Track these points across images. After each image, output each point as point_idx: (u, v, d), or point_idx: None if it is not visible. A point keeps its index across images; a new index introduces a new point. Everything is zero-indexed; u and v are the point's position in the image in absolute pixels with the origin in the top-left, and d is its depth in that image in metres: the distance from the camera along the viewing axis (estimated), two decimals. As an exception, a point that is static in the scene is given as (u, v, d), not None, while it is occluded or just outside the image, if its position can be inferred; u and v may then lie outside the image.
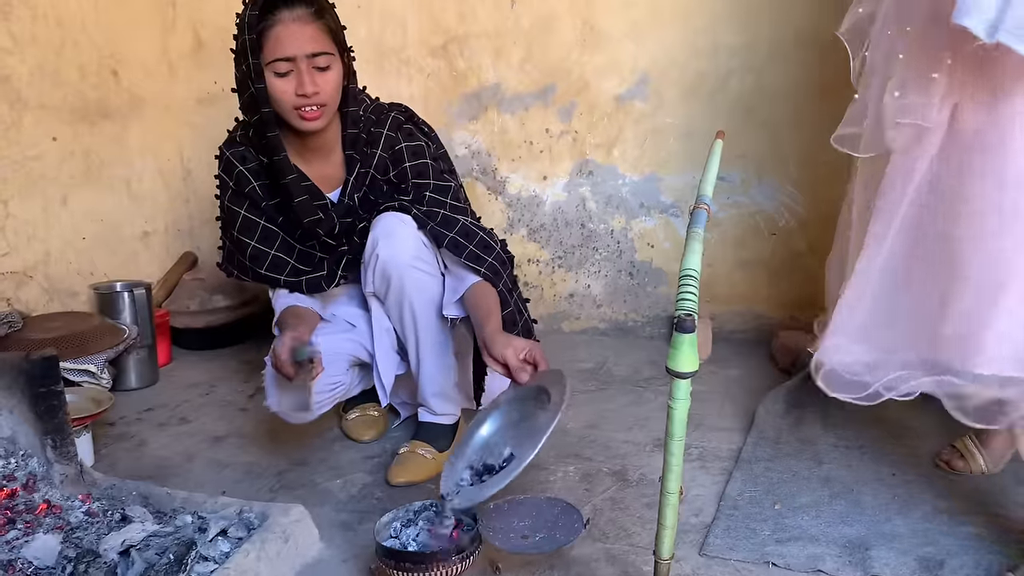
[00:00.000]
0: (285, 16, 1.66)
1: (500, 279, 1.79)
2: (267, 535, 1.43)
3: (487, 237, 1.82)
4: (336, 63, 1.71)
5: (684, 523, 1.58)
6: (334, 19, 1.73)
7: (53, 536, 1.48)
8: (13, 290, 2.48)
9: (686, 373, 1.05)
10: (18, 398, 1.64)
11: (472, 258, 1.77)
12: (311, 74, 1.67)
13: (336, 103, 1.75)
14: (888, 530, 1.54)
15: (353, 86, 1.79)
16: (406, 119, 1.87)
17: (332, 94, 1.72)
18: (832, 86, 2.01)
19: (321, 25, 1.69)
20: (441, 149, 1.94)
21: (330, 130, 1.78)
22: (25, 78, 2.47)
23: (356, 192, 1.82)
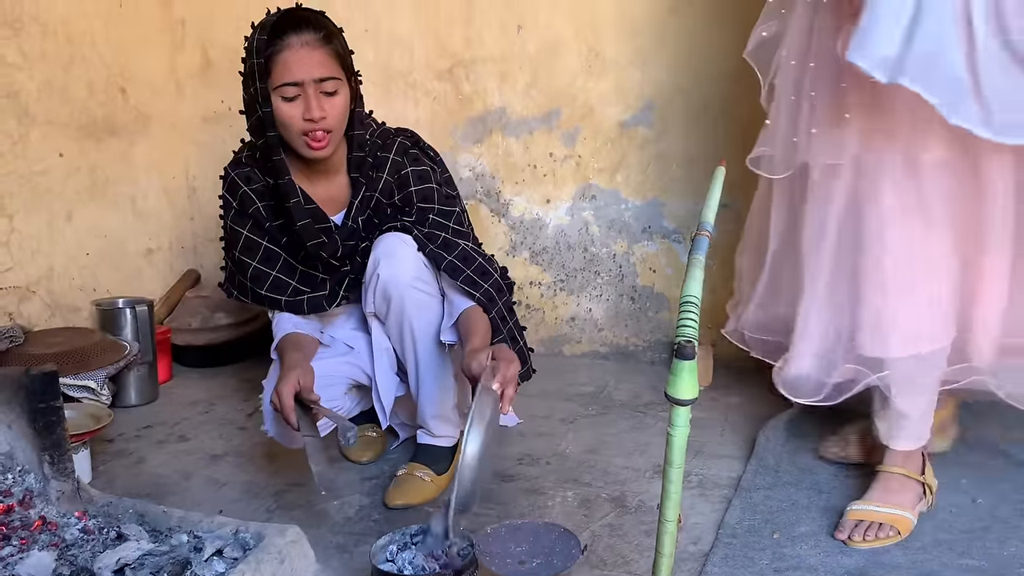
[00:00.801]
0: (293, 41, 1.67)
1: (494, 306, 1.80)
2: (262, 556, 1.42)
3: (486, 263, 1.83)
4: (343, 88, 1.72)
5: (682, 551, 1.58)
6: (342, 44, 1.74)
7: (48, 553, 1.47)
8: (15, 305, 2.49)
9: (686, 400, 1.05)
10: (17, 413, 1.63)
11: (468, 282, 1.78)
12: (318, 99, 1.68)
13: (343, 127, 1.75)
14: (887, 561, 1.53)
15: (359, 110, 1.80)
16: (412, 144, 1.88)
17: (339, 119, 1.72)
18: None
19: (329, 50, 1.70)
20: (446, 174, 1.95)
21: (336, 153, 1.79)
22: (34, 94, 2.49)
23: (360, 215, 1.82)
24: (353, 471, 1.99)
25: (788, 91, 1.61)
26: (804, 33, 1.58)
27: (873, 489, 1.68)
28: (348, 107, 1.75)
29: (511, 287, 1.92)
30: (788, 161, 1.63)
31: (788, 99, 1.60)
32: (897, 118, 1.47)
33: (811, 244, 1.62)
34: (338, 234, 1.81)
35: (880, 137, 1.51)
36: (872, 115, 1.51)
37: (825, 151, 1.56)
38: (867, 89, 1.45)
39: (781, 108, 1.62)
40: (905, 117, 1.46)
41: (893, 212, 1.51)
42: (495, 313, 1.79)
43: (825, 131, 1.56)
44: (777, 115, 1.63)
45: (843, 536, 1.61)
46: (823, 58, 1.54)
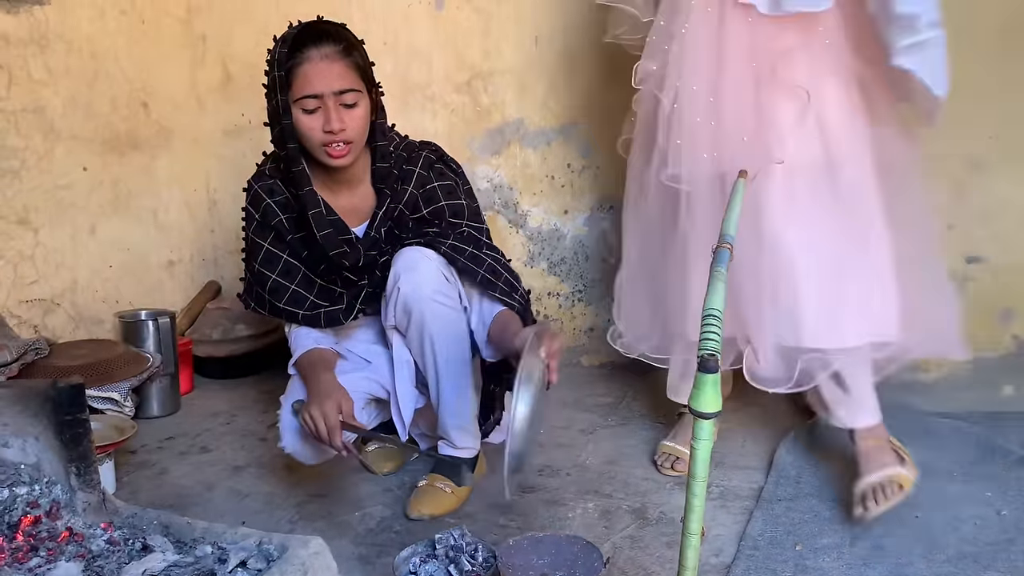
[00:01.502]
0: (313, 54, 1.69)
1: (528, 315, 1.84)
2: (286, 567, 1.43)
3: (512, 277, 1.86)
4: (363, 100, 1.74)
5: (704, 563, 1.57)
6: (362, 56, 1.75)
7: (75, 564, 1.48)
8: (40, 317, 2.52)
9: (709, 414, 1.05)
10: (44, 425, 1.65)
11: (503, 294, 1.81)
12: (338, 111, 1.70)
13: (363, 139, 1.77)
14: (911, 573, 1.52)
15: (382, 122, 1.81)
16: (437, 158, 1.89)
17: (359, 130, 1.74)
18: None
19: (349, 62, 1.72)
20: (467, 186, 1.95)
21: (358, 164, 1.81)
22: (59, 109, 2.53)
23: (383, 226, 1.84)
24: (374, 482, 2.00)
25: (693, 114, 1.79)
26: (706, 60, 1.79)
27: (859, 465, 1.79)
28: (368, 118, 1.76)
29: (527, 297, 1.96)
30: (698, 176, 1.81)
31: (694, 120, 1.79)
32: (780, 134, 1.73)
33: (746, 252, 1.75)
34: (360, 244, 1.82)
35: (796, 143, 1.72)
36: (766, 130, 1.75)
37: (747, 160, 1.69)
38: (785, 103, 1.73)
39: (687, 130, 1.80)
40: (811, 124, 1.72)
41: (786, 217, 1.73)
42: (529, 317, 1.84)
43: (742, 144, 1.75)
44: (690, 135, 1.80)
45: (860, 511, 1.69)
46: (736, 78, 1.77)
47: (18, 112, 2.43)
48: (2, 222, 2.41)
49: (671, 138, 1.82)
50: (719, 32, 1.77)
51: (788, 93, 1.72)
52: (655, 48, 1.87)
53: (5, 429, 1.64)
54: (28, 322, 2.48)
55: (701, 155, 1.79)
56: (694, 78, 1.79)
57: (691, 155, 1.80)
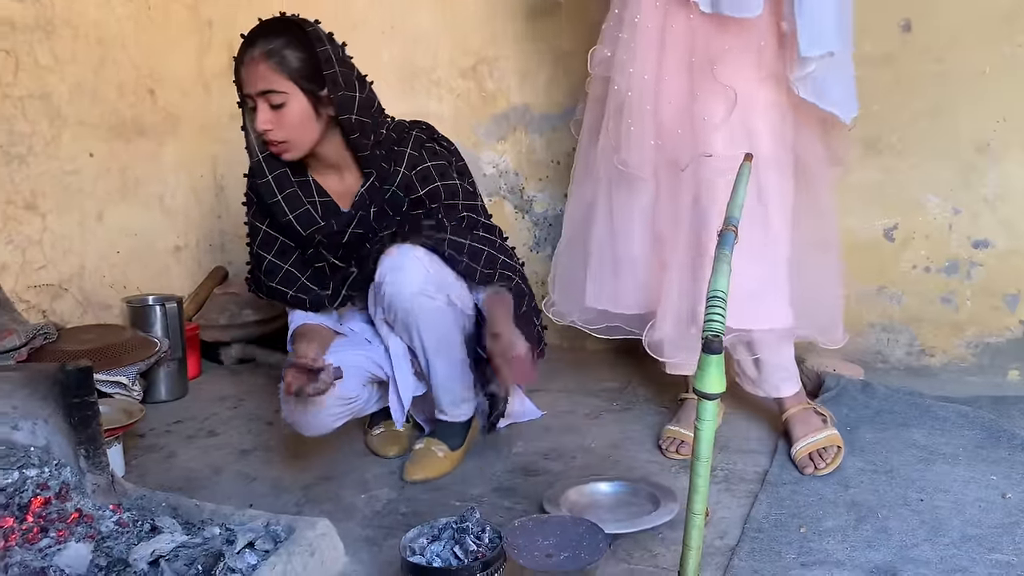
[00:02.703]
0: (245, 55, 1.76)
1: (511, 281, 1.90)
2: (294, 548, 1.44)
3: (493, 251, 1.91)
4: (293, 99, 1.74)
5: (708, 545, 1.58)
6: (302, 56, 1.74)
7: (85, 545, 1.50)
8: (48, 302, 2.53)
9: (713, 394, 1.05)
10: (52, 408, 1.67)
11: (483, 277, 1.88)
12: (265, 111, 1.75)
13: (303, 135, 1.78)
14: (916, 555, 1.52)
15: (350, 116, 1.79)
16: (428, 137, 1.92)
17: (290, 129, 1.76)
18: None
19: (273, 63, 1.73)
20: (461, 162, 1.98)
21: (331, 151, 1.85)
22: (65, 95, 2.54)
23: (372, 205, 1.86)
24: (380, 465, 2.01)
25: (643, 102, 1.86)
26: (654, 51, 1.86)
27: (794, 431, 1.97)
28: (304, 116, 1.76)
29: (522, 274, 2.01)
30: (645, 162, 1.89)
31: (644, 108, 1.86)
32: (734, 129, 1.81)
33: (668, 232, 1.91)
34: (335, 220, 1.86)
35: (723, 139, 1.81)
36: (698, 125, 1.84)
37: (681, 151, 1.84)
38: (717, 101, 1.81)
39: (637, 117, 1.87)
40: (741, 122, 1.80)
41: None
42: (514, 288, 1.89)
43: (678, 136, 1.85)
44: (640, 122, 1.87)
45: (811, 471, 1.87)
46: (675, 72, 1.84)
47: (25, 98, 2.44)
48: (10, 207, 2.42)
49: (623, 123, 1.89)
50: (664, 25, 1.85)
51: (718, 92, 1.80)
52: (609, 35, 1.94)
53: (15, 412, 1.66)
54: (36, 307, 2.50)
55: (648, 142, 1.88)
56: (645, 67, 1.86)
57: (639, 141, 1.88)
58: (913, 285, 2.51)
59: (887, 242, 2.51)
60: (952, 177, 2.43)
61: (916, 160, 2.44)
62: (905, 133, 2.44)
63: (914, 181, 2.45)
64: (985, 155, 2.39)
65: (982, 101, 2.36)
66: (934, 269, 2.48)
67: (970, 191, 2.41)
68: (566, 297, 2.10)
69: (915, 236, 2.48)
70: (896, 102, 2.41)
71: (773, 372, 1.99)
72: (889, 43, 2.41)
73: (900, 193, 2.47)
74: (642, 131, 1.87)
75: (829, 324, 1.95)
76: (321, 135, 1.81)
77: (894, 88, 2.41)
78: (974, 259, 2.44)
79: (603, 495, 1.79)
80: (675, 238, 1.89)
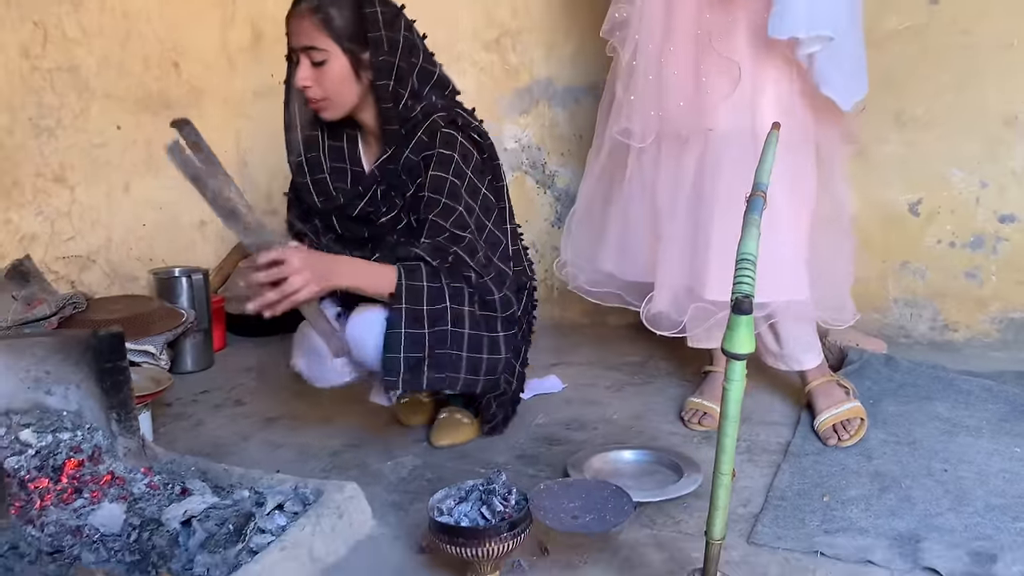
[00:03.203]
0: (294, 9, 1.75)
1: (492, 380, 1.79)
2: (322, 511, 1.47)
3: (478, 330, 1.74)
4: (334, 58, 1.73)
5: (732, 512, 1.59)
6: (344, 14, 1.72)
7: (118, 505, 1.53)
8: (77, 273, 2.57)
9: (742, 355, 1.06)
10: (85, 373, 1.69)
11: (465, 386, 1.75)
12: (306, 67, 1.74)
13: (342, 96, 1.77)
14: (939, 524, 1.53)
15: (383, 83, 1.76)
16: (447, 123, 1.79)
17: (329, 88, 1.75)
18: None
19: (317, 20, 1.71)
20: (484, 155, 1.84)
21: (370, 118, 1.83)
22: (93, 68, 2.56)
23: (381, 184, 1.82)
24: (405, 433, 2.03)
25: (646, 71, 1.85)
26: (660, 20, 1.84)
27: (816, 403, 1.97)
28: (343, 76, 1.75)
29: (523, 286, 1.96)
30: (647, 132, 1.88)
31: (647, 78, 1.85)
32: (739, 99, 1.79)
33: (667, 205, 1.90)
34: (343, 194, 1.84)
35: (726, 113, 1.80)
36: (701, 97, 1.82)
37: (683, 124, 1.83)
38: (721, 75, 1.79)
39: (640, 86, 1.86)
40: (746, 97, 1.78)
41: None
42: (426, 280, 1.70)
43: (683, 107, 1.83)
44: (643, 91, 1.86)
45: (834, 442, 1.87)
46: (681, 43, 1.83)
47: (53, 71, 2.46)
48: (40, 179, 2.46)
49: (627, 92, 1.89)
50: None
51: (723, 66, 1.79)
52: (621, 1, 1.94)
53: (48, 377, 1.69)
54: (65, 278, 2.53)
55: (649, 112, 1.87)
56: (650, 36, 1.85)
57: (641, 112, 1.87)
58: (937, 260, 2.50)
59: (912, 216, 2.49)
60: (979, 150, 2.41)
61: (942, 133, 2.43)
62: (931, 106, 2.42)
63: (940, 155, 2.44)
64: (1013, 128, 2.37)
65: (1010, 73, 2.34)
66: (959, 244, 2.47)
67: (997, 164, 2.39)
68: (576, 258, 2.11)
69: (940, 211, 2.47)
70: (922, 75, 2.39)
71: (794, 345, 1.99)
72: (916, 15, 2.39)
73: (925, 167, 2.46)
74: (644, 101, 1.86)
75: (837, 301, 1.92)
76: (361, 98, 1.79)
77: (920, 61, 2.39)
78: (1000, 234, 2.42)
79: (626, 463, 1.81)
80: (673, 211, 1.89)
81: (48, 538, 1.44)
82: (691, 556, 1.44)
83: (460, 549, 1.28)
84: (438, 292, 1.68)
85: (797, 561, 1.43)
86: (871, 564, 1.41)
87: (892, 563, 1.40)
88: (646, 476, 1.76)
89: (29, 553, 1.40)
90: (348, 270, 1.69)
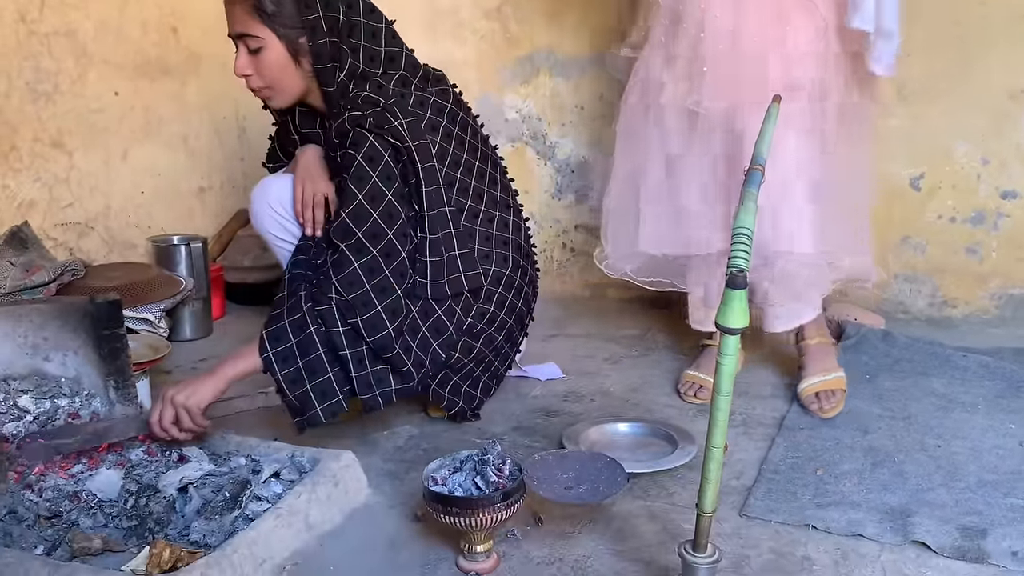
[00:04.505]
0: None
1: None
2: (318, 479, 1.48)
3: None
4: (270, 46, 1.68)
5: (725, 485, 1.59)
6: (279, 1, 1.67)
7: (115, 471, 1.55)
8: (75, 240, 2.56)
9: (736, 329, 1.06)
10: (82, 340, 1.70)
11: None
12: (242, 55, 1.71)
13: (287, 83, 1.73)
14: (931, 499, 1.54)
15: (327, 67, 1.71)
16: (355, 124, 1.67)
17: (269, 77, 1.71)
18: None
19: (247, 6, 1.66)
20: (397, 159, 1.68)
21: (318, 101, 1.80)
22: (90, 33, 2.53)
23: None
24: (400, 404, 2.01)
25: (716, 42, 1.84)
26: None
27: (807, 365, 1.99)
28: (282, 63, 1.70)
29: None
30: (717, 102, 1.86)
31: (717, 48, 1.84)
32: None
33: (727, 180, 1.88)
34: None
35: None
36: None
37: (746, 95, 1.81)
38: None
39: (710, 56, 1.85)
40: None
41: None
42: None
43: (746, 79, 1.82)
44: (713, 63, 1.85)
45: (816, 408, 1.90)
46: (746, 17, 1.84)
47: (51, 35, 2.44)
48: (38, 144, 2.44)
49: (696, 64, 1.87)
50: None
51: (806, 12, 1.81)
52: None
53: (46, 343, 1.70)
54: (64, 244, 2.53)
55: (721, 84, 1.84)
56: (717, 7, 1.84)
57: (713, 83, 1.85)
58: (938, 235, 2.49)
59: (912, 191, 2.48)
60: (983, 125, 2.39)
61: (946, 107, 2.40)
62: (936, 79, 2.39)
63: (943, 129, 2.42)
64: (1018, 103, 2.34)
65: (1019, 46, 2.31)
66: (960, 219, 2.46)
67: (1001, 140, 2.38)
68: (617, 247, 2.07)
69: (942, 185, 2.45)
70: (928, 46, 2.36)
71: (793, 299, 1.98)
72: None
73: (928, 141, 2.44)
74: (714, 72, 1.85)
75: (855, 250, 1.94)
76: (307, 84, 1.74)
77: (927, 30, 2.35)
78: (1002, 210, 2.41)
79: (622, 435, 1.82)
80: (731, 186, 1.87)
81: (46, 503, 1.46)
82: (683, 527, 1.45)
83: (453, 518, 1.29)
84: (301, 320, 1.63)
85: (788, 534, 1.44)
86: (862, 538, 1.42)
87: (882, 537, 1.42)
88: (641, 448, 1.77)
89: (27, 518, 1.42)
90: (210, 382, 1.62)
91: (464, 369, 1.88)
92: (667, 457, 1.69)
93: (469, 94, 2.00)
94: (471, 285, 1.76)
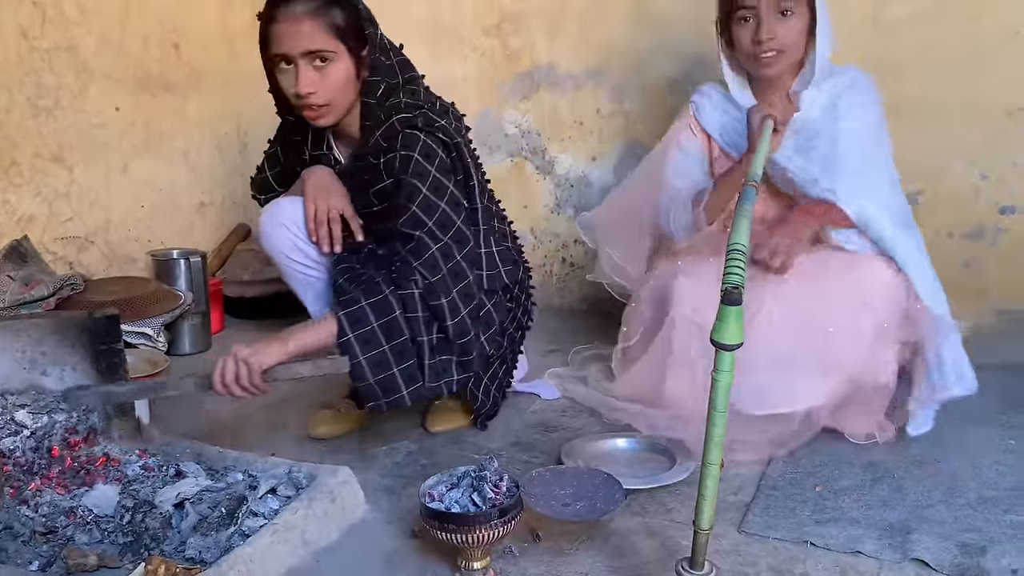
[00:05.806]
0: (284, 13, 1.67)
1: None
2: (315, 495, 1.48)
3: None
4: (340, 59, 1.69)
5: (723, 501, 1.59)
6: (345, 13, 1.69)
7: (112, 487, 1.54)
8: (75, 254, 2.57)
9: (731, 345, 1.06)
10: (80, 355, 1.70)
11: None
12: (308, 72, 1.68)
13: (344, 97, 1.74)
14: (930, 515, 1.53)
15: (375, 79, 1.74)
16: (406, 125, 1.73)
17: (333, 91, 1.71)
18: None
19: (320, 22, 1.67)
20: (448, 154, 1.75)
21: (352, 117, 1.80)
22: (91, 48, 2.55)
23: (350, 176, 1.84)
24: (400, 419, 2.03)
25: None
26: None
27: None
28: (348, 77, 1.71)
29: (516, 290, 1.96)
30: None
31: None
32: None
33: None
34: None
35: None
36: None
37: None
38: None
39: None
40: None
41: None
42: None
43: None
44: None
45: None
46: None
47: (52, 50, 2.45)
48: (38, 159, 2.45)
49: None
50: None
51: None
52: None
53: (44, 358, 1.70)
54: (63, 258, 2.54)
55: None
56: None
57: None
58: (936, 251, 2.46)
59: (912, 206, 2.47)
60: (980, 142, 2.39)
61: (943, 124, 2.41)
62: (933, 95, 2.40)
63: (941, 145, 2.42)
64: (1015, 120, 2.35)
65: (1014, 63, 2.32)
66: (958, 235, 2.45)
67: (998, 156, 2.38)
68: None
69: (940, 201, 2.45)
70: (924, 63, 2.37)
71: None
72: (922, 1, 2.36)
73: (926, 158, 2.43)
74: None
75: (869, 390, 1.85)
76: (356, 99, 1.76)
77: (923, 49, 2.37)
78: (1000, 225, 2.41)
79: (620, 451, 1.81)
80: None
81: (42, 519, 1.45)
82: (681, 544, 1.44)
83: (450, 535, 1.29)
84: (383, 303, 1.64)
85: (787, 551, 1.44)
86: (861, 555, 1.41)
87: (881, 554, 1.41)
88: (639, 464, 1.77)
89: (23, 533, 1.41)
90: (277, 344, 1.64)
91: (491, 369, 1.92)
92: (665, 473, 1.69)
93: (469, 110, 2.02)
94: (509, 279, 1.88)
